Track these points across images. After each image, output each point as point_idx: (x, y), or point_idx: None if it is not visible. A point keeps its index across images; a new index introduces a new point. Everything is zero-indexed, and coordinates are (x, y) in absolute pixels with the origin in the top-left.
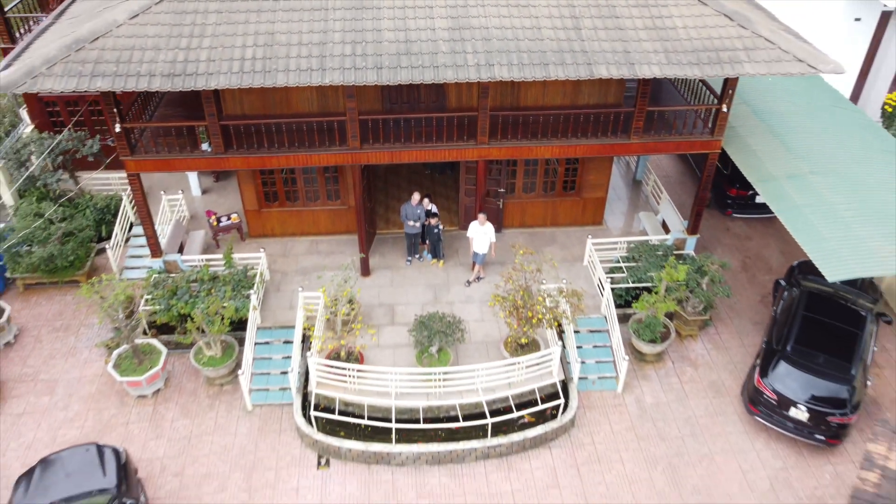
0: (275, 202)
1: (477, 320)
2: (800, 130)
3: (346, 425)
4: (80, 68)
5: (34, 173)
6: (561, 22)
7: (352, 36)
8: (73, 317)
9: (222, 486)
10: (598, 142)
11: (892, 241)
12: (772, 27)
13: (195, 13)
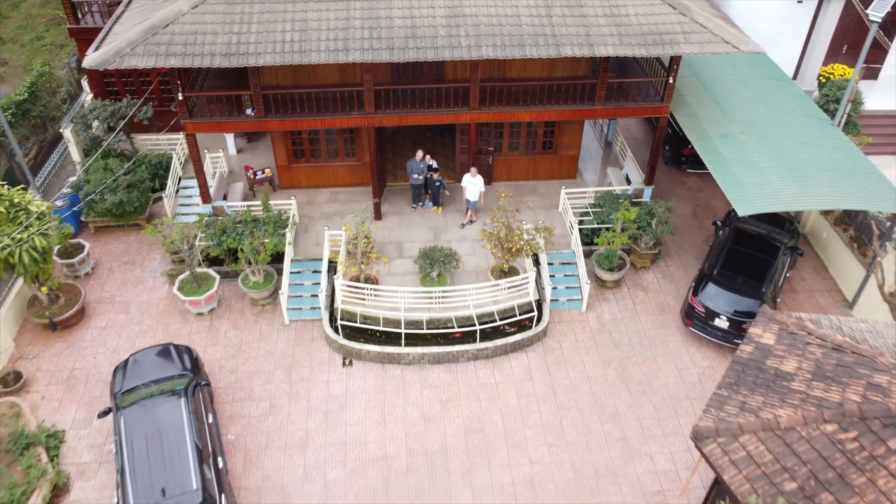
0: (301, 159)
1: (469, 254)
2: (736, 98)
3: (364, 333)
4: (156, 49)
5: (98, 134)
6: (536, 10)
7: (369, 23)
8: (138, 253)
9: (268, 379)
10: (568, 108)
11: (797, 186)
12: (707, 14)
13: (244, 3)
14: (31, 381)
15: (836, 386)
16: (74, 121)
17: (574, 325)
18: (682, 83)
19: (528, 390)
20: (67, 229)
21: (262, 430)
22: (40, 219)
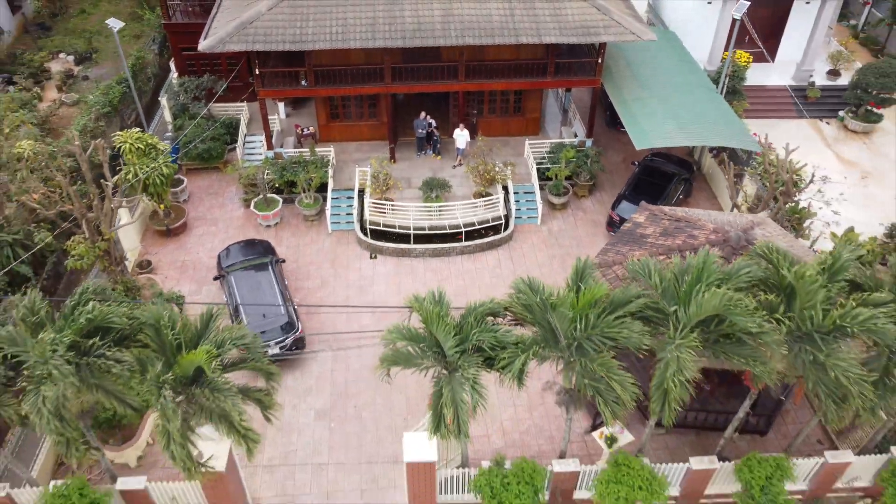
0: (336, 119)
1: (458, 186)
2: (650, 74)
3: (385, 235)
4: (246, 38)
5: (185, 102)
6: (502, 12)
7: (388, 20)
8: (219, 187)
9: (318, 267)
10: (528, 80)
11: (680, 131)
12: (622, 14)
13: (303, 7)
14: (157, 267)
15: (670, 238)
16: (168, 91)
17: (531, 234)
18: (613, 63)
19: (497, 274)
20: (173, 166)
21: (317, 297)
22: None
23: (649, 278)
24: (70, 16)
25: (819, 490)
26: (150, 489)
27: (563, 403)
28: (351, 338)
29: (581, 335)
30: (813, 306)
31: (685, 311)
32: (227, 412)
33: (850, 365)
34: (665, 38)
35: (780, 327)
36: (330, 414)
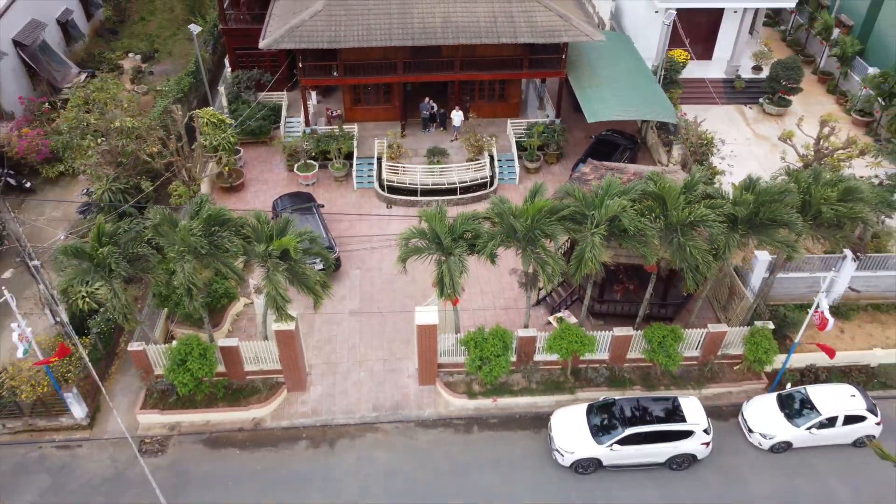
0: (359, 104)
1: (454, 154)
2: (604, 67)
3: (398, 190)
4: (294, 39)
5: (238, 91)
6: (487, 18)
7: (400, 25)
8: (267, 156)
9: (348, 213)
10: (508, 72)
11: (622, 108)
12: (579, 20)
13: (337, 16)
14: None
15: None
16: (224, 82)
17: (511, 191)
18: (577, 59)
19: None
20: (236, 137)
21: (347, 235)
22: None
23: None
24: (133, 22)
25: (707, 355)
26: (241, 346)
27: (523, 284)
28: (374, 258)
29: (529, 230)
30: (676, 207)
31: (598, 213)
32: (306, 276)
33: (698, 245)
34: (620, 41)
35: (657, 223)
36: (360, 313)
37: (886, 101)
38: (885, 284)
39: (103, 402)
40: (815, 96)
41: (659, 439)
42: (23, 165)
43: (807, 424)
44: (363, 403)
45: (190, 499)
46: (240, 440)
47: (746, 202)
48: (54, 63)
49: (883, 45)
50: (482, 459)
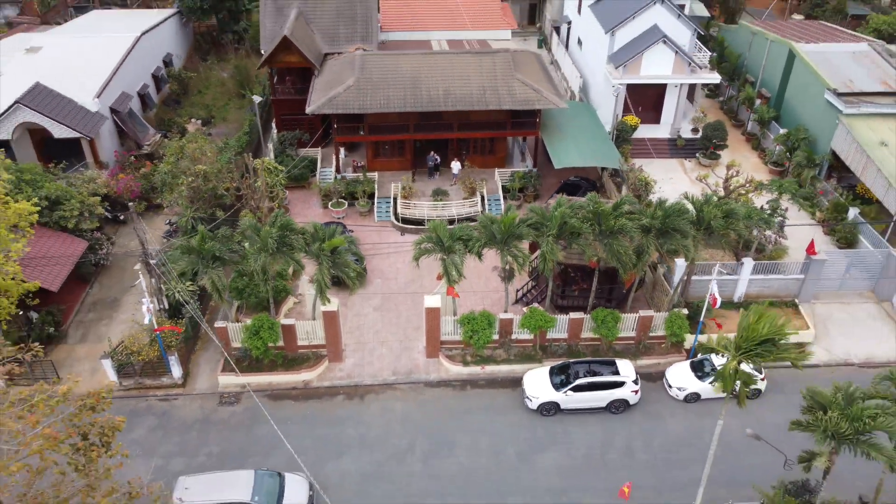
0: (378, 157)
1: (453, 194)
2: (570, 128)
3: (409, 221)
4: (332, 106)
5: (283, 147)
6: (478, 91)
7: (412, 96)
8: (306, 198)
9: (370, 238)
10: (495, 132)
11: (581, 158)
12: (550, 91)
13: (364, 89)
14: None
15: None
16: (272, 141)
17: None
18: (550, 122)
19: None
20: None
21: (370, 254)
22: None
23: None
24: (193, 94)
25: (640, 335)
26: (297, 325)
27: (502, 276)
28: (394, 268)
29: (505, 234)
30: (606, 220)
31: (552, 224)
32: (348, 266)
33: (622, 246)
34: (585, 108)
35: (594, 229)
36: (381, 308)
37: (791, 154)
38: (777, 286)
39: (193, 367)
40: (742, 152)
41: (600, 388)
42: (117, 203)
43: (710, 380)
44: (385, 370)
45: (259, 433)
46: (294, 395)
47: (657, 216)
48: (137, 125)
49: (790, 113)
50: (473, 407)
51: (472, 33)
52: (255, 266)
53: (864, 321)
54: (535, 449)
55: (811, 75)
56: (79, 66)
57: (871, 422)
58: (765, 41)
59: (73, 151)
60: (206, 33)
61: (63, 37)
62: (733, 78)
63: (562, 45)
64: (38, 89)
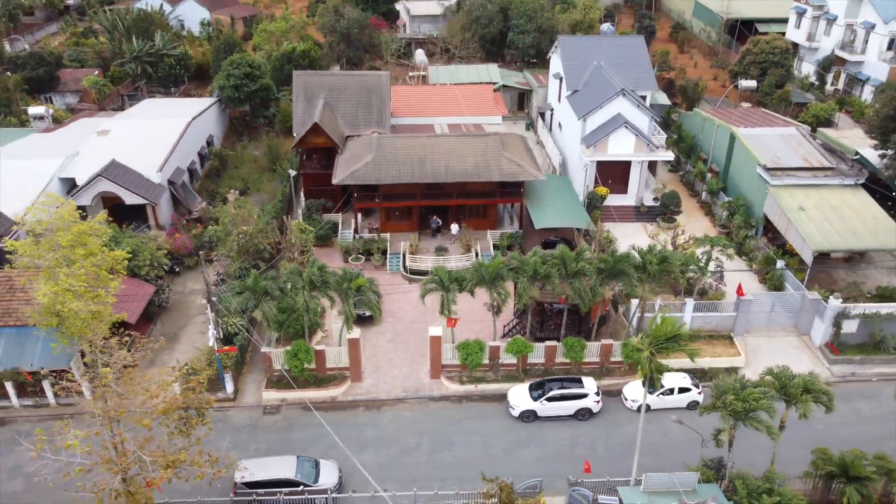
0: (390, 220)
1: (452, 251)
2: (549, 196)
3: (416, 272)
4: (355, 178)
5: (310, 213)
6: (473, 166)
7: (419, 170)
8: (329, 254)
9: (383, 285)
10: (487, 199)
11: (557, 220)
12: (531, 166)
13: (380, 165)
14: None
15: None
16: (300, 207)
17: None
18: (531, 192)
19: None
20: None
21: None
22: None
23: (516, 258)
24: (231, 168)
25: (603, 360)
26: (326, 350)
27: (491, 310)
28: (403, 309)
29: (492, 275)
30: (570, 264)
31: (528, 268)
32: (370, 299)
33: (582, 285)
34: (562, 180)
35: (561, 272)
36: (393, 340)
37: (732, 217)
38: (715, 321)
39: (242, 385)
40: (696, 216)
41: (569, 399)
42: (173, 257)
43: (658, 392)
44: (396, 388)
45: (295, 436)
46: (323, 407)
47: (608, 261)
48: (188, 194)
49: (734, 184)
50: (468, 416)
51: (468, 118)
52: (298, 299)
53: (787, 350)
54: (517, 446)
55: (747, 154)
56: (142, 146)
57: (755, 403)
58: (713, 125)
59: (137, 215)
60: (240, 117)
61: (127, 121)
62: (689, 155)
63: (546, 128)
64: (114, 165)
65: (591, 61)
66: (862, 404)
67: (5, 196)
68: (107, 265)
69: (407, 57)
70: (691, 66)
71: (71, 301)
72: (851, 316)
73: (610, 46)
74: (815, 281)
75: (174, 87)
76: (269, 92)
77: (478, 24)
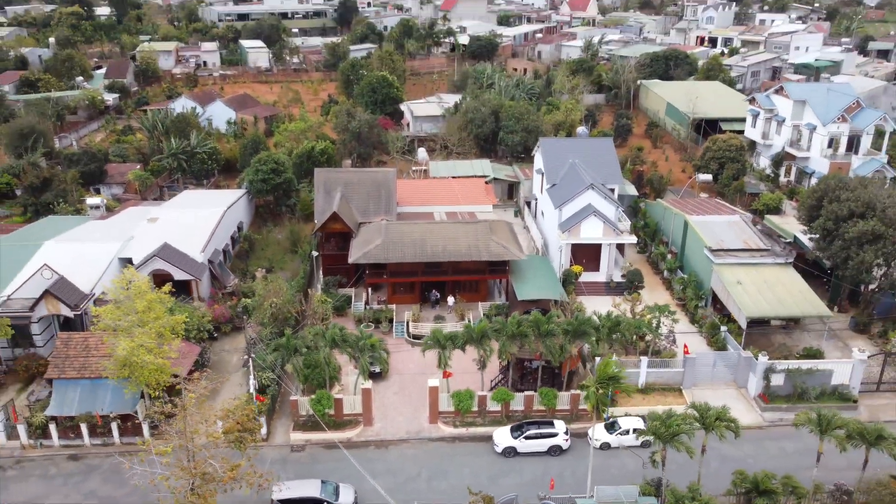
0: (395, 293)
1: (449, 319)
2: (530, 273)
3: (418, 337)
4: (367, 258)
5: (328, 288)
6: (466, 247)
7: (421, 252)
8: (343, 322)
9: (390, 346)
10: (478, 275)
11: (538, 291)
12: (515, 247)
13: (388, 246)
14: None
15: None
16: (320, 282)
17: None
18: (516, 269)
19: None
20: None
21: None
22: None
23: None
24: (257, 249)
25: (573, 408)
26: (344, 399)
27: (479, 364)
28: (406, 367)
29: (480, 334)
30: (542, 325)
31: (507, 329)
32: (381, 355)
33: (553, 343)
34: (542, 259)
35: (535, 332)
36: (398, 392)
37: (685, 291)
38: (667, 376)
39: (272, 427)
40: (658, 291)
41: (543, 437)
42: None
43: (616, 433)
44: (401, 431)
45: (318, 468)
46: (341, 446)
47: (572, 323)
48: (223, 272)
49: (688, 263)
50: (460, 453)
51: (463, 207)
52: (320, 355)
53: (727, 400)
54: (499, 475)
55: (697, 238)
56: (186, 231)
57: (677, 427)
58: (672, 213)
59: (182, 289)
60: (266, 206)
61: (171, 210)
62: (653, 238)
63: (531, 215)
64: (165, 247)
65: (567, 159)
66: (786, 443)
67: (77, 272)
68: (169, 327)
69: (411, 153)
70: (663, 160)
71: (143, 355)
72: (777, 371)
73: (583, 147)
74: (756, 344)
75: (206, 179)
76: (291, 184)
77: (473, 125)
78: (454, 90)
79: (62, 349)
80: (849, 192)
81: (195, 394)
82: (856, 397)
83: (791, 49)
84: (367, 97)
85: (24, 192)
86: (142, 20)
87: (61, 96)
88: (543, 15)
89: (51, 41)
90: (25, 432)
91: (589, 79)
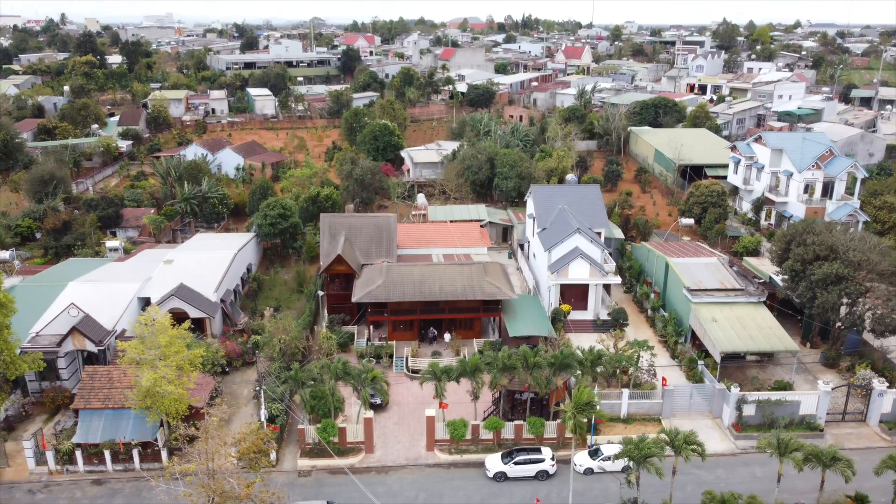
0: (396, 330)
1: (445, 354)
2: (521, 311)
3: (416, 371)
4: (369, 297)
5: (332, 325)
6: (462, 287)
7: (420, 291)
8: (346, 358)
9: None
10: (472, 314)
11: (526, 329)
12: (507, 287)
13: (388, 286)
14: None
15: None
16: (325, 320)
17: None
18: (508, 308)
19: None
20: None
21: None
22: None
23: (490, 355)
24: (266, 289)
25: (559, 436)
26: (347, 427)
27: (473, 396)
28: (405, 399)
29: (472, 367)
30: (530, 358)
31: (498, 362)
32: (381, 387)
33: (540, 375)
34: (533, 299)
35: (523, 364)
36: (398, 422)
37: (666, 328)
38: (647, 407)
39: (281, 454)
40: (642, 328)
41: (531, 462)
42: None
43: (599, 459)
44: (400, 458)
45: (324, 492)
46: (344, 471)
47: (557, 356)
48: (234, 310)
49: (670, 302)
50: (454, 477)
51: (459, 249)
52: (325, 387)
53: (703, 429)
54: (490, 498)
55: (677, 278)
56: (200, 272)
57: (648, 450)
58: (654, 255)
59: (196, 327)
60: (273, 248)
61: (186, 252)
62: (638, 279)
63: (524, 257)
64: (181, 287)
65: (556, 205)
66: (756, 469)
67: (100, 311)
68: (188, 361)
69: (411, 198)
70: (651, 204)
71: (165, 385)
72: (749, 402)
73: (572, 193)
74: (732, 377)
75: (216, 223)
76: (297, 228)
77: (469, 171)
78: (453, 137)
79: (88, 381)
80: (814, 236)
81: (217, 417)
82: (822, 426)
83: (774, 97)
84: (370, 144)
85: (45, 235)
86: (152, 68)
87: (78, 143)
88: (540, 63)
89: (65, 89)
90: (53, 459)
91: (581, 126)
